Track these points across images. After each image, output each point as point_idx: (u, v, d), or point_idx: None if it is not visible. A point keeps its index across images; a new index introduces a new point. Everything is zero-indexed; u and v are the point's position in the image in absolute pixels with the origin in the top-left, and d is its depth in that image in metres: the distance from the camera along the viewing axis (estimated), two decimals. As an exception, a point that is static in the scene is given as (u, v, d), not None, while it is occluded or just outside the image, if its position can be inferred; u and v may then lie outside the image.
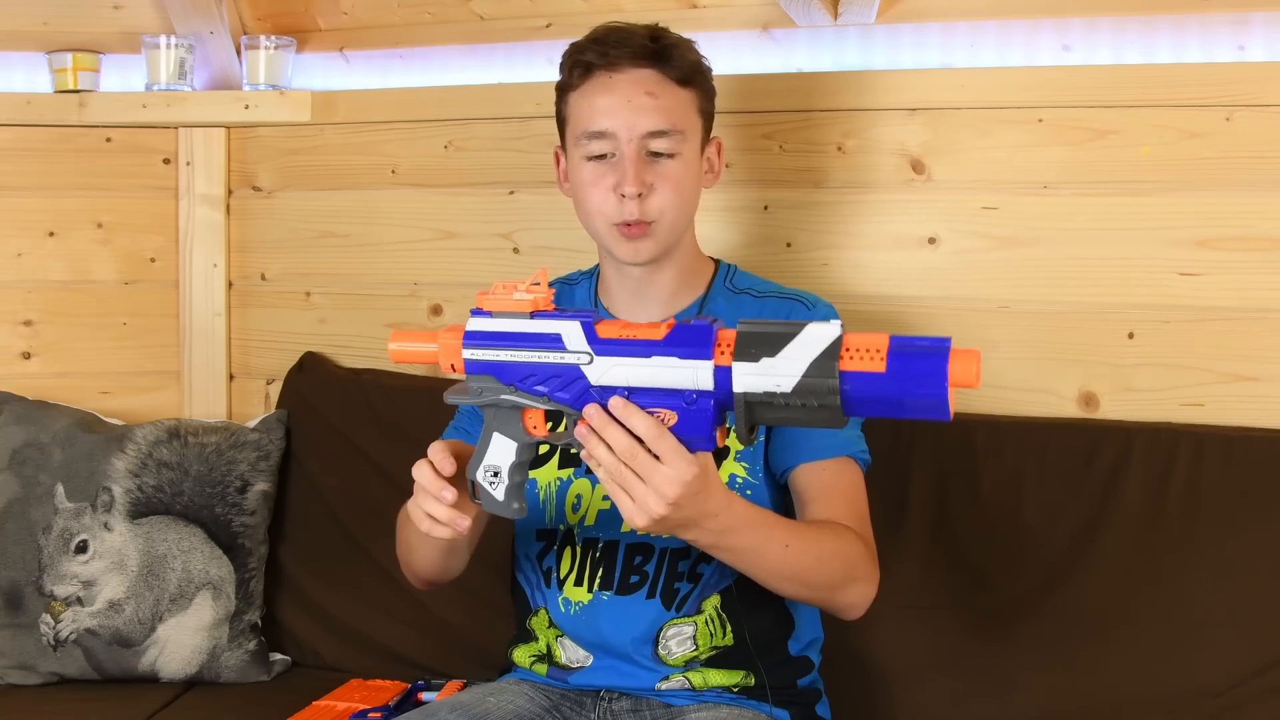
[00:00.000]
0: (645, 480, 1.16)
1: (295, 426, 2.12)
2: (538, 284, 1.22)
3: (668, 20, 1.57)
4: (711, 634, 1.50)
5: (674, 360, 1.14)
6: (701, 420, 1.15)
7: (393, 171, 2.20)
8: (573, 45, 1.53)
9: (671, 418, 1.16)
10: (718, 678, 1.51)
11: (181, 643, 1.97)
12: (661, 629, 1.50)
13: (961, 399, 1.85)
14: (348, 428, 2.10)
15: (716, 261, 1.62)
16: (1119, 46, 1.79)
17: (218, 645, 1.98)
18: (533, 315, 1.21)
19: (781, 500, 1.53)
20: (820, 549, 1.38)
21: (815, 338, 1.10)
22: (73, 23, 2.22)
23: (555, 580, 1.55)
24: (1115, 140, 1.78)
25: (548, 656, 1.57)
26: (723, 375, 1.13)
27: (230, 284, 2.31)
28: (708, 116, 1.55)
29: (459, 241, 2.16)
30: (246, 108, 2.22)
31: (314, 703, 1.84)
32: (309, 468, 2.10)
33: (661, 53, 1.49)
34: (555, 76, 1.56)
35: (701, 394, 1.14)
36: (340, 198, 2.24)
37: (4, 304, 2.25)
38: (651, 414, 1.16)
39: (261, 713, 1.83)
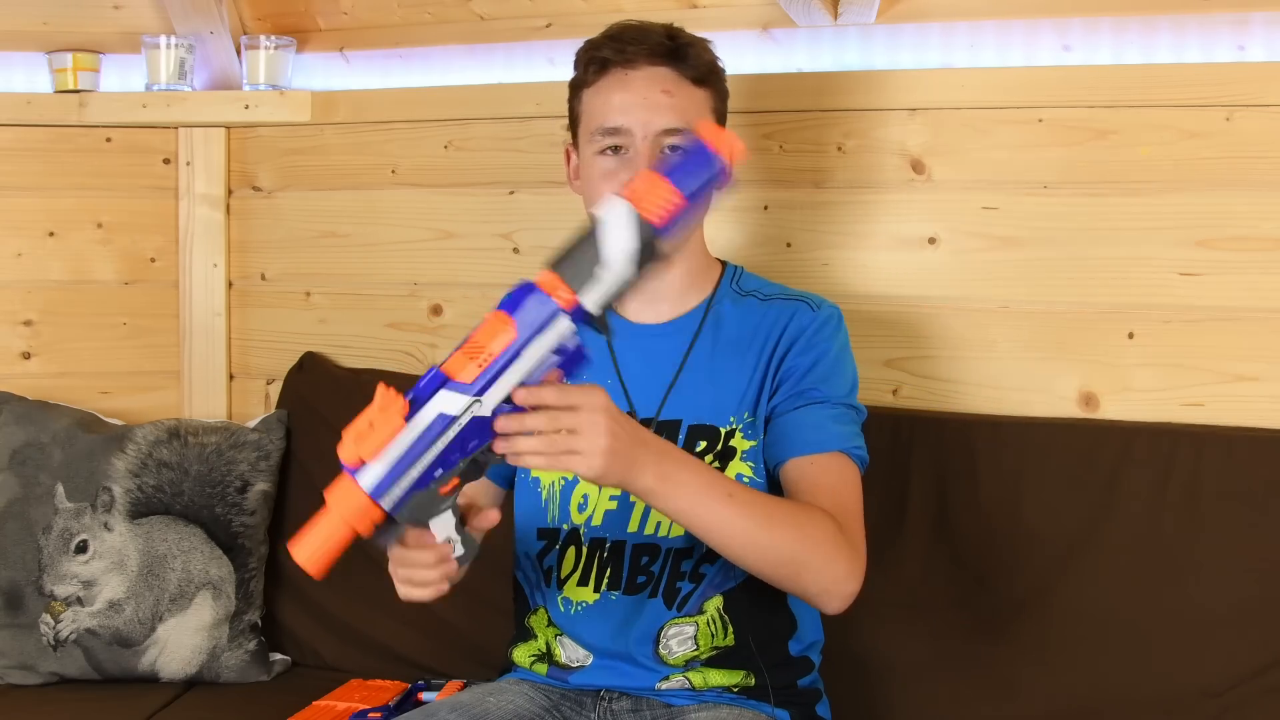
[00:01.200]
0: (577, 432, 1.19)
1: (295, 426, 2.12)
2: (382, 394, 1.19)
3: (667, 20, 1.57)
4: (713, 634, 1.50)
5: (537, 340, 1.17)
6: (577, 354, 1.20)
7: (393, 171, 2.20)
8: (588, 42, 1.53)
9: (557, 374, 1.20)
10: (718, 678, 1.51)
11: (181, 643, 1.97)
12: (662, 628, 1.50)
13: (961, 399, 1.86)
14: (348, 428, 2.10)
15: (724, 263, 1.62)
16: (1119, 46, 1.79)
17: (218, 645, 1.98)
18: (408, 419, 1.18)
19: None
20: (771, 512, 1.34)
21: (617, 222, 1.17)
22: (73, 23, 2.22)
23: (555, 580, 1.54)
24: (1115, 140, 1.78)
25: (547, 655, 1.57)
26: (577, 312, 1.18)
27: (230, 284, 2.31)
28: (720, 117, 1.55)
29: (459, 241, 2.16)
30: (246, 108, 2.22)
31: (314, 703, 1.84)
32: (309, 468, 2.10)
33: (678, 51, 1.49)
34: (555, 76, 1.57)
35: (569, 336, 1.19)
36: (340, 198, 2.24)
37: (4, 304, 2.25)
38: (545, 383, 1.19)
39: (261, 713, 1.83)
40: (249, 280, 2.31)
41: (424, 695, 1.84)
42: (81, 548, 1.97)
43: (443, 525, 1.25)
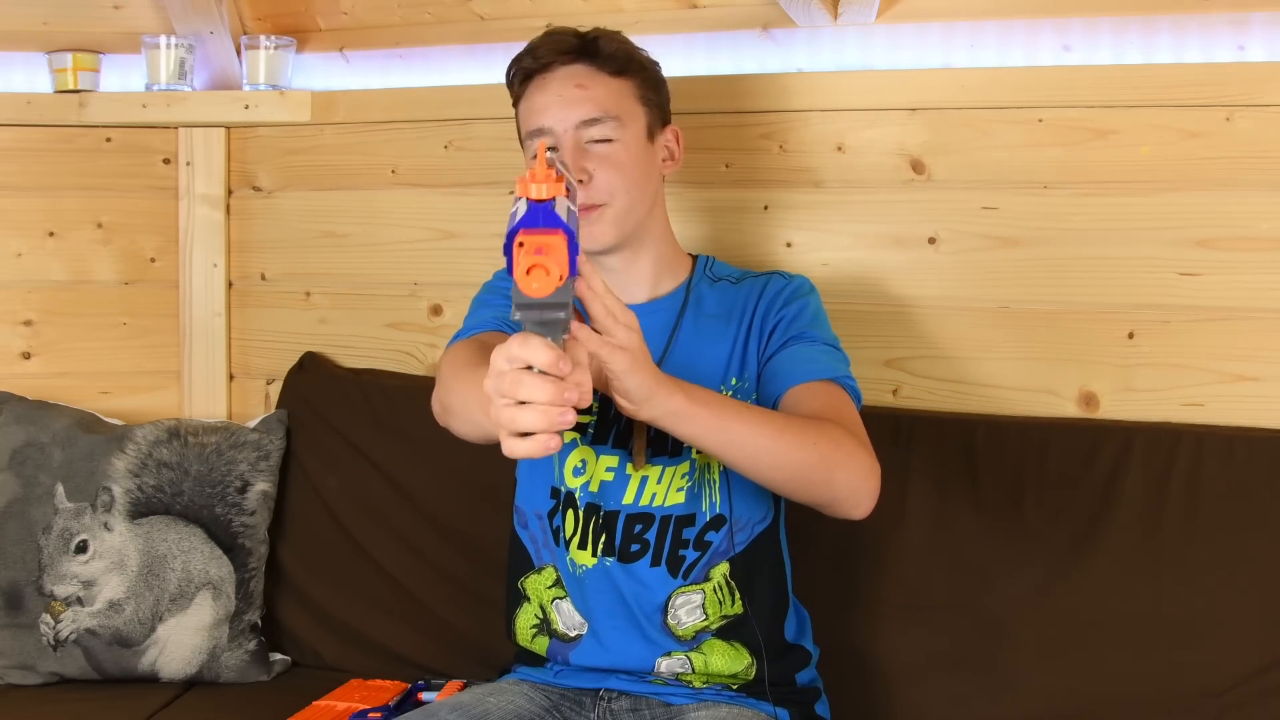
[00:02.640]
0: (628, 330, 1.17)
1: (295, 426, 2.12)
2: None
3: (667, 20, 1.58)
4: (720, 601, 1.52)
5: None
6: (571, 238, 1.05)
7: (393, 171, 2.20)
8: (512, 59, 1.58)
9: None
10: (720, 663, 1.51)
11: (181, 643, 1.97)
12: (670, 597, 1.51)
13: (961, 399, 1.86)
14: (348, 428, 2.10)
15: (694, 256, 1.66)
16: (1119, 46, 1.79)
17: (218, 645, 1.98)
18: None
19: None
20: (788, 423, 1.35)
21: None
22: (73, 23, 2.22)
23: (563, 540, 1.56)
24: (1115, 140, 1.78)
25: (545, 623, 1.57)
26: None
27: (230, 284, 2.31)
28: (653, 105, 1.58)
29: (459, 241, 2.16)
30: (246, 108, 2.22)
31: (314, 703, 1.84)
32: (309, 468, 2.10)
33: (588, 47, 1.54)
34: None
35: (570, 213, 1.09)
36: (340, 198, 2.24)
37: (4, 304, 2.25)
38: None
39: (261, 713, 1.83)
40: (249, 280, 2.31)
41: (424, 695, 1.84)
42: (81, 548, 1.97)
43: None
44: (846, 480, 1.37)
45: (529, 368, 1.02)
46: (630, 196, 1.52)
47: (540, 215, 1.03)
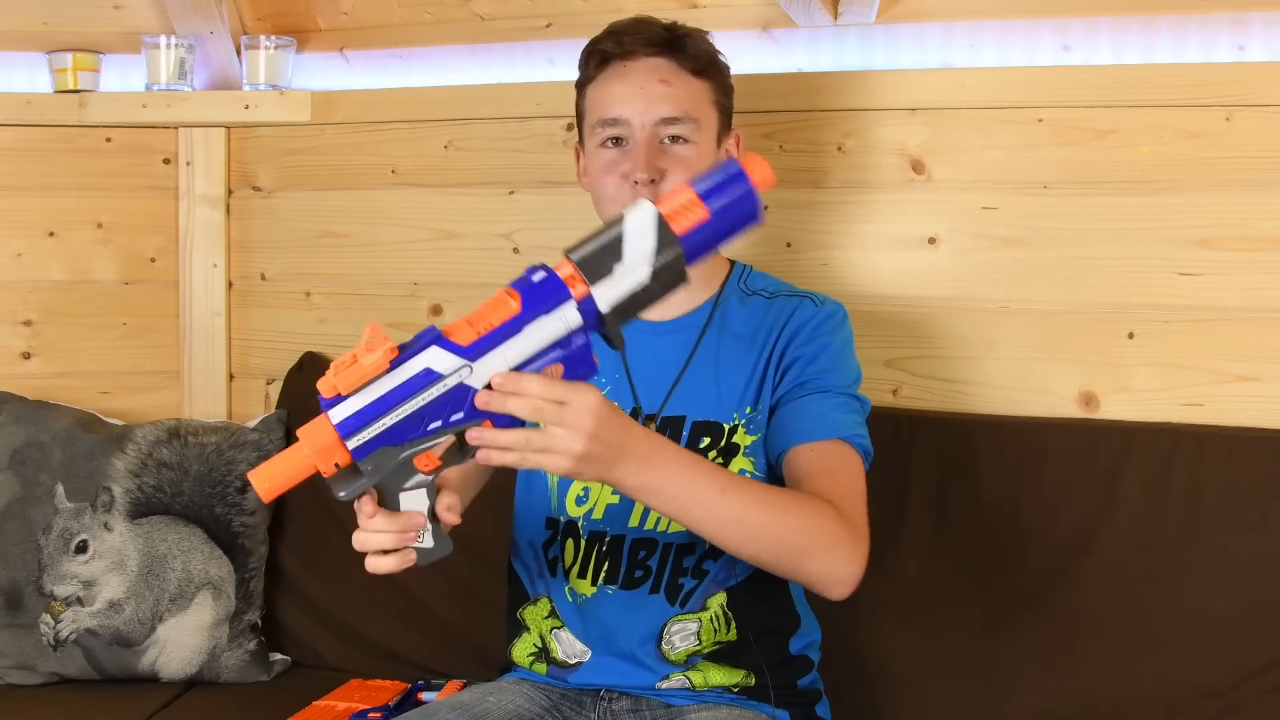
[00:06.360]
0: (559, 426, 1.15)
1: (295, 426, 2.10)
2: (371, 335, 1.16)
3: (667, 20, 1.57)
4: (715, 629, 1.51)
5: (541, 320, 1.15)
6: (582, 355, 1.17)
7: (393, 171, 2.20)
8: (591, 40, 1.54)
9: (558, 369, 1.16)
10: (718, 676, 1.51)
11: (181, 643, 1.97)
12: (665, 624, 1.50)
13: (962, 399, 1.86)
14: (348, 428, 2.09)
15: (731, 262, 1.61)
16: (1119, 46, 1.79)
17: (218, 645, 1.98)
18: (392, 366, 1.14)
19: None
20: (771, 503, 1.33)
21: (642, 225, 1.15)
22: (73, 23, 2.22)
23: (561, 570, 1.55)
24: (1115, 140, 1.78)
25: (544, 652, 1.57)
26: (587, 304, 1.15)
27: (230, 284, 2.31)
28: (724, 110, 1.55)
29: (459, 241, 2.16)
30: (246, 108, 2.22)
31: (314, 703, 1.84)
32: (309, 468, 2.10)
33: (676, 42, 1.50)
34: (555, 76, 1.58)
35: (575, 332, 1.16)
36: (340, 198, 2.24)
37: (4, 304, 2.25)
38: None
39: (261, 713, 1.83)
40: (249, 280, 2.31)
41: (424, 695, 1.84)
42: (81, 548, 1.97)
43: (414, 503, 1.20)
44: (818, 569, 1.34)
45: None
46: None
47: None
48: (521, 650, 1.59)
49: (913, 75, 1.88)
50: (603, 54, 1.51)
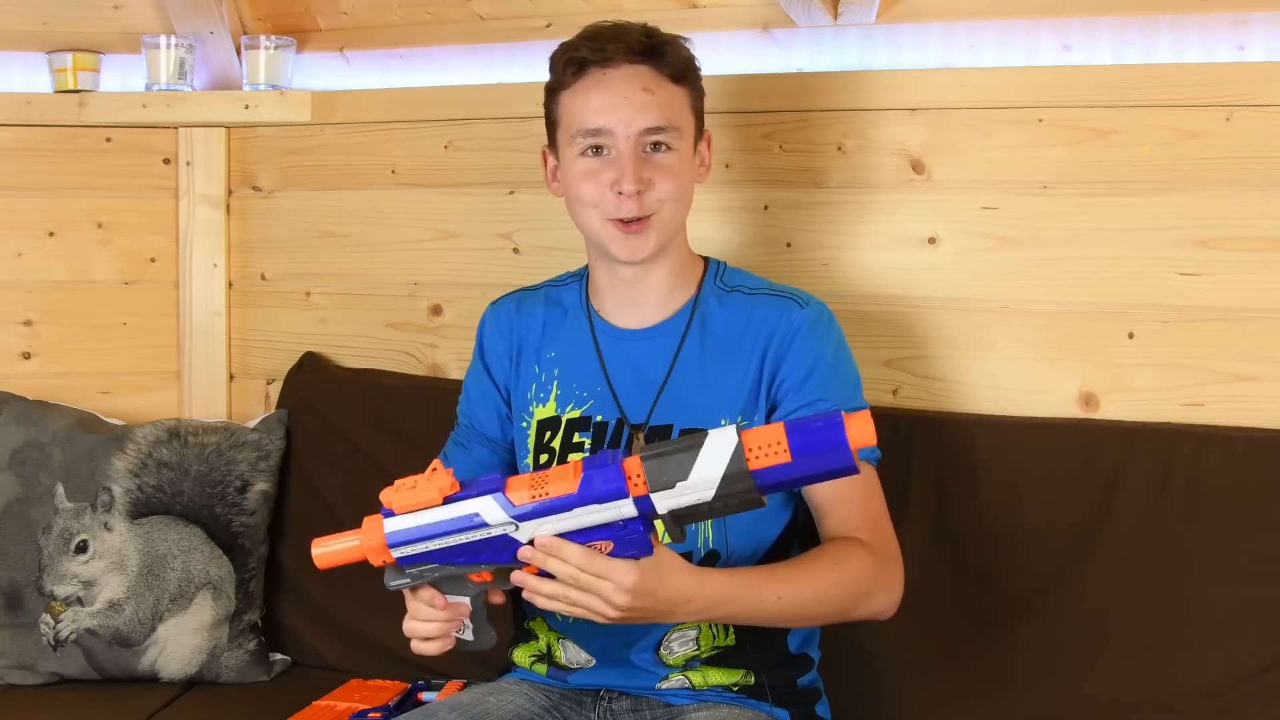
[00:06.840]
0: (594, 594, 1.23)
1: (295, 426, 2.12)
2: (435, 470, 1.25)
3: (667, 20, 1.57)
4: (714, 635, 1.51)
5: (594, 507, 1.19)
6: (637, 541, 1.21)
7: (393, 171, 2.20)
8: (563, 44, 1.51)
9: (607, 546, 1.21)
10: (718, 675, 1.51)
11: (181, 643, 1.97)
12: (666, 634, 1.50)
13: (961, 399, 1.86)
14: (348, 428, 2.10)
15: (705, 260, 1.61)
16: (1119, 46, 1.79)
17: (218, 645, 1.98)
18: (445, 501, 1.24)
19: (799, 508, 1.54)
20: (818, 586, 1.39)
21: (718, 449, 1.15)
22: (73, 23, 2.22)
23: None
24: (1115, 140, 1.78)
25: (548, 657, 1.57)
26: (644, 503, 1.18)
27: (230, 284, 2.31)
28: (699, 115, 1.55)
29: (459, 241, 2.16)
30: (246, 108, 2.22)
31: (314, 703, 1.84)
32: (309, 468, 2.10)
33: (656, 49, 1.48)
34: (555, 77, 1.55)
35: (629, 520, 1.20)
36: (340, 198, 2.24)
37: (4, 304, 2.25)
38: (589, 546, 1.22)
39: (261, 713, 1.83)
40: (249, 280, 2.31)
41: (424, 695, 1.84)
42: (81, 548, 1.97)
43: (462, 600, 1.31)
44: (866, 613, 1.44)
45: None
46: (675, 207, 1.50)
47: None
48: (523, 652, 1.59)
49: (913, 75, 1.88)
50: (580, 60, 1.48)
